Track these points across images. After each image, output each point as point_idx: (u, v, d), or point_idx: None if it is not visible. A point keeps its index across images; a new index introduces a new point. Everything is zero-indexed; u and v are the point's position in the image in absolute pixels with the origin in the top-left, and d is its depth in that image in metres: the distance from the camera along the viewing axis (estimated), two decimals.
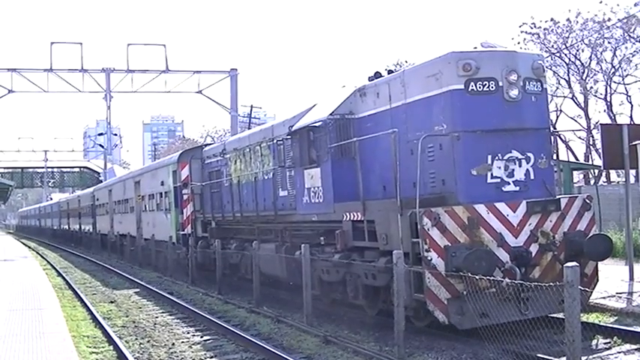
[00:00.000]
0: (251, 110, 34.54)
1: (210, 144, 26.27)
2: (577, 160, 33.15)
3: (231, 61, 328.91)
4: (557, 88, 36.36)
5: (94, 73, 37.46)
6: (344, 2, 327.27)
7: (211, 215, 20.15)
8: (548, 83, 28.01)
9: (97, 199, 40.58)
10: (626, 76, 35.00)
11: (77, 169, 77.79)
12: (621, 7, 33.33)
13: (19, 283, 21.16)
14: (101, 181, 56.11)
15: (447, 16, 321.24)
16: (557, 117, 37.00)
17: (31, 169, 75.32)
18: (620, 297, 12.72)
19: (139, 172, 30.93)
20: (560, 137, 12.97)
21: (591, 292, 10.90)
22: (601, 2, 33.18)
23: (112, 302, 17.99)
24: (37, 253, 42.88)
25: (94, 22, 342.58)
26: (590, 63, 35.13)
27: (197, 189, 21.10)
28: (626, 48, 33.91)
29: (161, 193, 25.06)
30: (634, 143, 14.22)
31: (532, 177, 10.73)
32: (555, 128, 31.77)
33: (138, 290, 20.41)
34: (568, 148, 36.26)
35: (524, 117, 10.69)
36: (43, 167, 75.16)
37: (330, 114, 12.65)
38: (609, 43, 33.97)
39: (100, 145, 66.86)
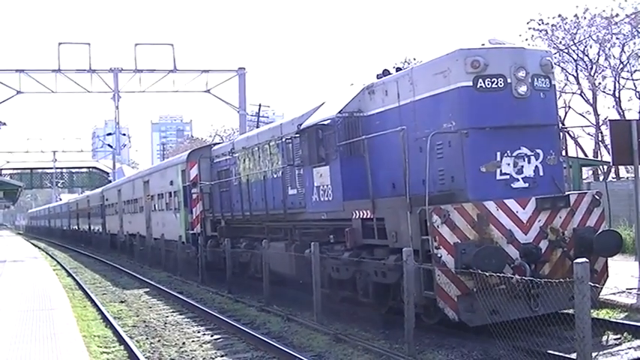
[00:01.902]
0: (259, 109, 34.52)
1: (218, 143, 26.31)
2: (586, 156, 32.96)
3: (239, 59, 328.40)
4: (566, 84, 36.17)
5: (102, 74, 37.52)
6: (352, 0, 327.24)
7: (220, 214, 20.19)
8: (557, 79, 27.93)
9: (107, 199, 40.70)
10: (634, 71, 34.77)
11: (86, 170, 78.17)
12: (629, 2, 33.07)
13: (30, 284, 21.26)
14: (110, 181, 56.30)
15: (455, 13, 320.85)
16: (566, 113, 36.83)
17: (40, 170, 75.69)
18: (630, 293, 12.69)
19: (148, 172, 31.03)
20: (568, 133, 12.88)
21: (601, 288, 10.88)
22: None
23: (122, 302, 18.08)
24: (47, 253, 43.03)
25: (101, 23, 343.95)
26: (598, 59, 34.94)
27: (206, 188, 21.14)
28: (635, 44, 33.66)
29: (170, 193, 25.11)
30: None
31: (541, 173, 10.72)
32: (564, 124, 31.62)
33: (148, 290, 20.49)
34: (577, 144, 35.92)
35: (533, 113, 10.67)
36: (52, 168, 75.45)
37: (339, 112, 12.66)
38: (617, 38, 33.75)
39: (109, 145, 67.08)
